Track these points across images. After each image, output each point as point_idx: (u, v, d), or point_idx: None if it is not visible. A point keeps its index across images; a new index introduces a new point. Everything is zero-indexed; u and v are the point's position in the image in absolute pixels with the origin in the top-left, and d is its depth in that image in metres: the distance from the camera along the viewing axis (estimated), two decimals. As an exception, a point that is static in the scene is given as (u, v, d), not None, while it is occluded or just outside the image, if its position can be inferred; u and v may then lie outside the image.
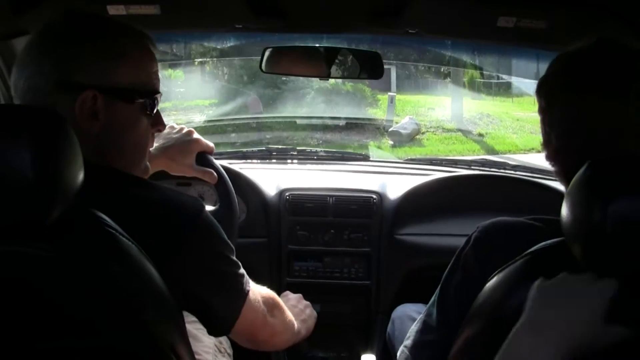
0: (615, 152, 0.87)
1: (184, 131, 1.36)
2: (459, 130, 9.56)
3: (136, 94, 0.95)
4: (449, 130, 9.62)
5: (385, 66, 1.64)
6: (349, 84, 10.05)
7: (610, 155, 0.85)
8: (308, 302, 1.39)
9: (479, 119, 10.57)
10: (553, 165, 0.97)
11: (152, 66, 0.98)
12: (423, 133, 9.31)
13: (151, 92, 0.97)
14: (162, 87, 1.01)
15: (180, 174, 1.37)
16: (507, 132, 9.77)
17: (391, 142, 8.12)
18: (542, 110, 0.97)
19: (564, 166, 0.94)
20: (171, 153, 1.32)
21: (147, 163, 1.05)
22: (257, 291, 1.07)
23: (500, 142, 9.10)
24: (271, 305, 1.13)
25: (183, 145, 1.33)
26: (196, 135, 1.37)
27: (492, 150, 8.57)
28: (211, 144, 1.39)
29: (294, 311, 1.30)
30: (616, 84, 0.88)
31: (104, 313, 0.72)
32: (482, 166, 2.24)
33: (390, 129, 8.37)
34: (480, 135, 9.66)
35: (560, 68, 0.95)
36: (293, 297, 1.37)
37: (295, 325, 1.22)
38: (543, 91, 0.96)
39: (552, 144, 0.94)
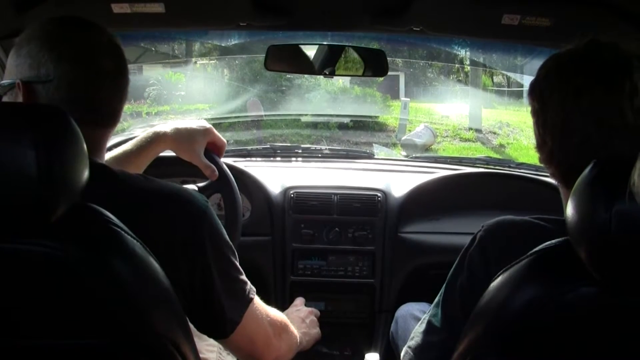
0: (611, 153, 0.86)
1: (201, 121, 1.38)
2: (478, 140, 9.27)
3: None
4: (466, 140, 9.27)
5: (394, 72, 1.64)
6: (357, 88, 9.87)
7: (606, 156, 0.85)
8: (314, 319, 1.41)
9: (498, 129, 10.15)
10: (548, 168, 0.96)
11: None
12: (439, 143, 8.99)
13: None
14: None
15: (187, 159, 1.37)
16: (530, 142, 9.05)
17: (404, 153, 7.58)
18: (535, 113, 0.96)
19: (559, 168, 0.94)
20: (180, 134, 1.34)
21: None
22: (264, 308, 1.08)
23: (524, 155, 8.41)
24: (279, 328, 1.12)
25: (193, 132, 1.35)
26: (210, 126, 1.37)
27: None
28: (224, 141, 1.40)
29: (300, 325, 1.32)
30: (609, 85, 0.87)
31: (109, 311, 0.73)
32: (487, 164, 2.23)
33: (403, 138, 8.04)
34: (502, 146, 9.31)
35: (552, 69, 0.94)
36: (304, 310, 1.41)
37: (298, 339, 1.23)
38: (535, 93, 0.95)
39: (547, 146, 0.93)
